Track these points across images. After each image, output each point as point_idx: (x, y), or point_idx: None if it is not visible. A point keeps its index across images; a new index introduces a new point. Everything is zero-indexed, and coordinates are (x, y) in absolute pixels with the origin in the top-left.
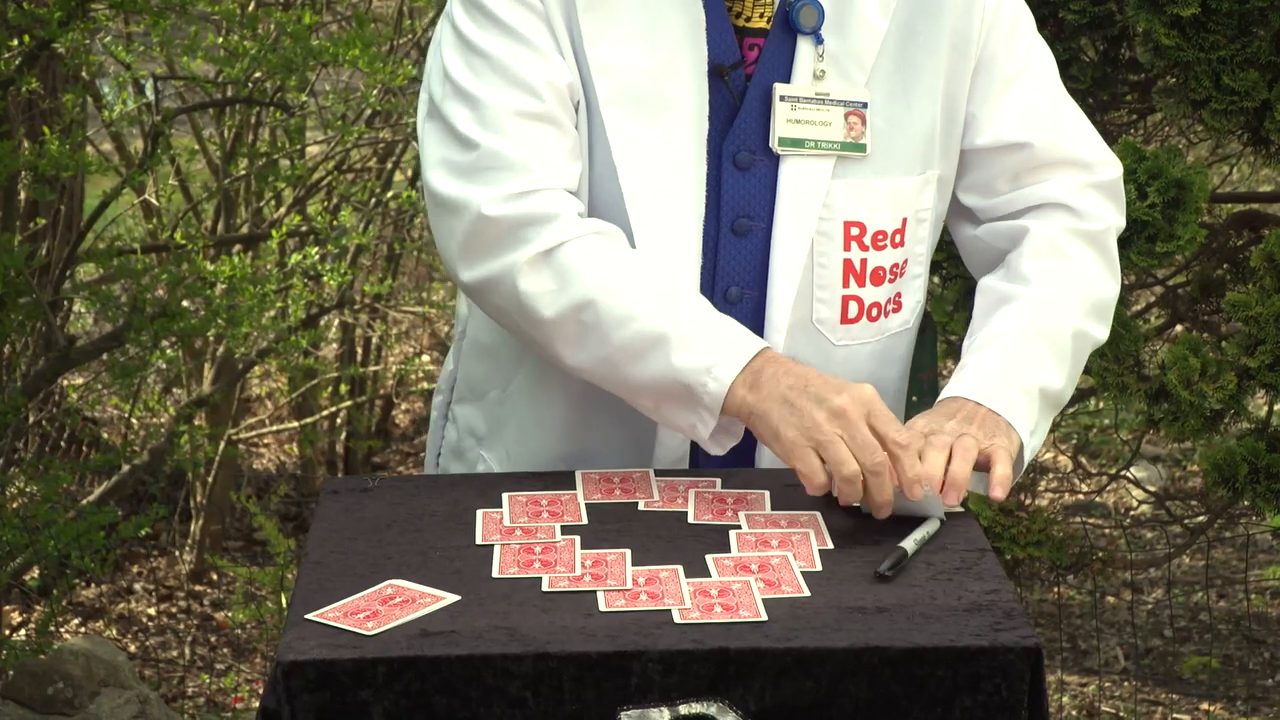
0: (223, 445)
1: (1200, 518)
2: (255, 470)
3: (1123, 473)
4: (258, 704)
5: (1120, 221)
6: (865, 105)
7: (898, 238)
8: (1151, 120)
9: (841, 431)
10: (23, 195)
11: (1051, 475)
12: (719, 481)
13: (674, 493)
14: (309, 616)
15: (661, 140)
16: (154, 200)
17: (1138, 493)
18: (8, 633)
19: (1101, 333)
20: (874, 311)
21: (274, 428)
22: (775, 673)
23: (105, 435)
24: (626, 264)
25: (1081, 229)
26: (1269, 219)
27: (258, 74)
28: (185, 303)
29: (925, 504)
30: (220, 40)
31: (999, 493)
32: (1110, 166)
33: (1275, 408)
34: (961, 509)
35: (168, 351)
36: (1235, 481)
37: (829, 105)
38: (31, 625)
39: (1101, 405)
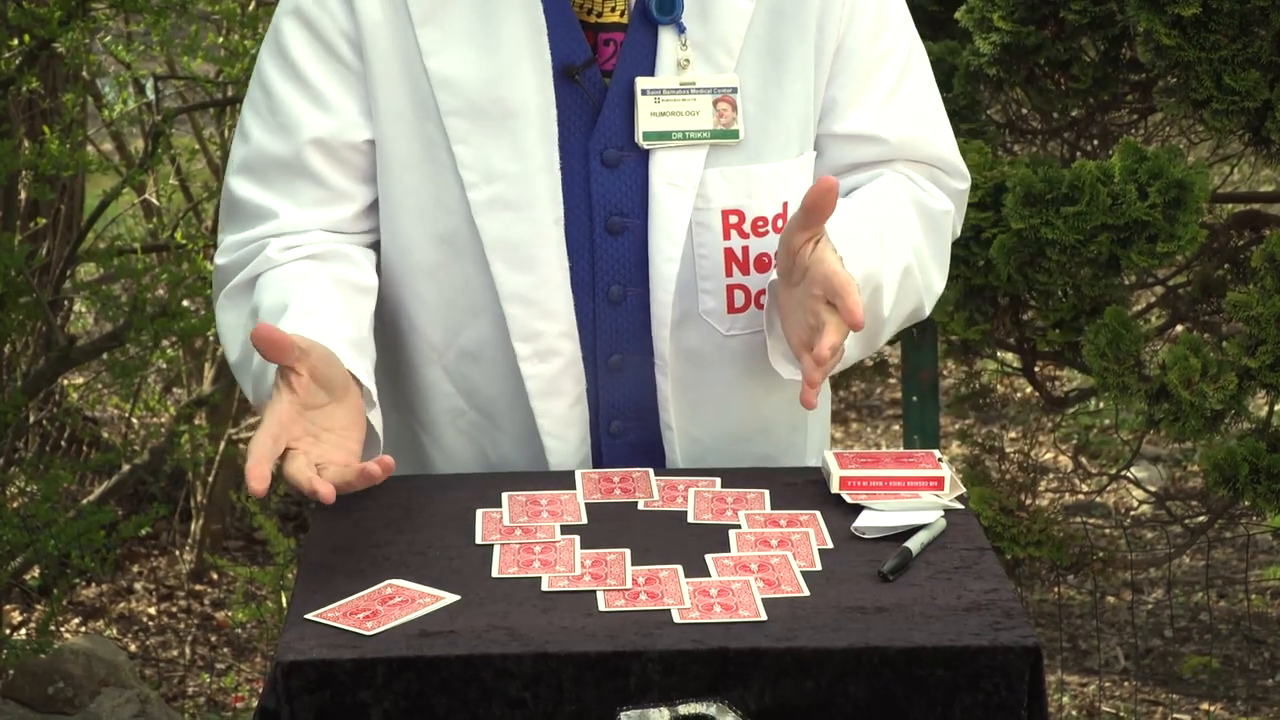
0: (223, 445)
1: (1201, 518)
2: None
3: (1123, 473)
4: (257, 703)
5: (957, 229)
6: (735, 90)
7: (779, 222)
8: (1152, 120)
9: None
10: (23, 195)
11: (1052, 475)
12: (718, 481)
13: (673, 492)
14: (308, 616)
15: (506, 148)
16: (154, 200)
17: (1138, 493)
18: (8, 632)
19: (923, 303)
20: (762, 299)
21: None
22: (775, 673)
23: (105, 435)
24: (292, 283)
25: (921, 199)
26: (1270, 219)
27: None
28: (186, 302)
29: (927, 502)
30: (220, 40)
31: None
32: (961, 178)
33: (1276, 408)
34: (960, 506)
35: (168, 351)
36: (1236, 481)
37: (695, 94)
38: (32, 625)
39: (1102, 405)
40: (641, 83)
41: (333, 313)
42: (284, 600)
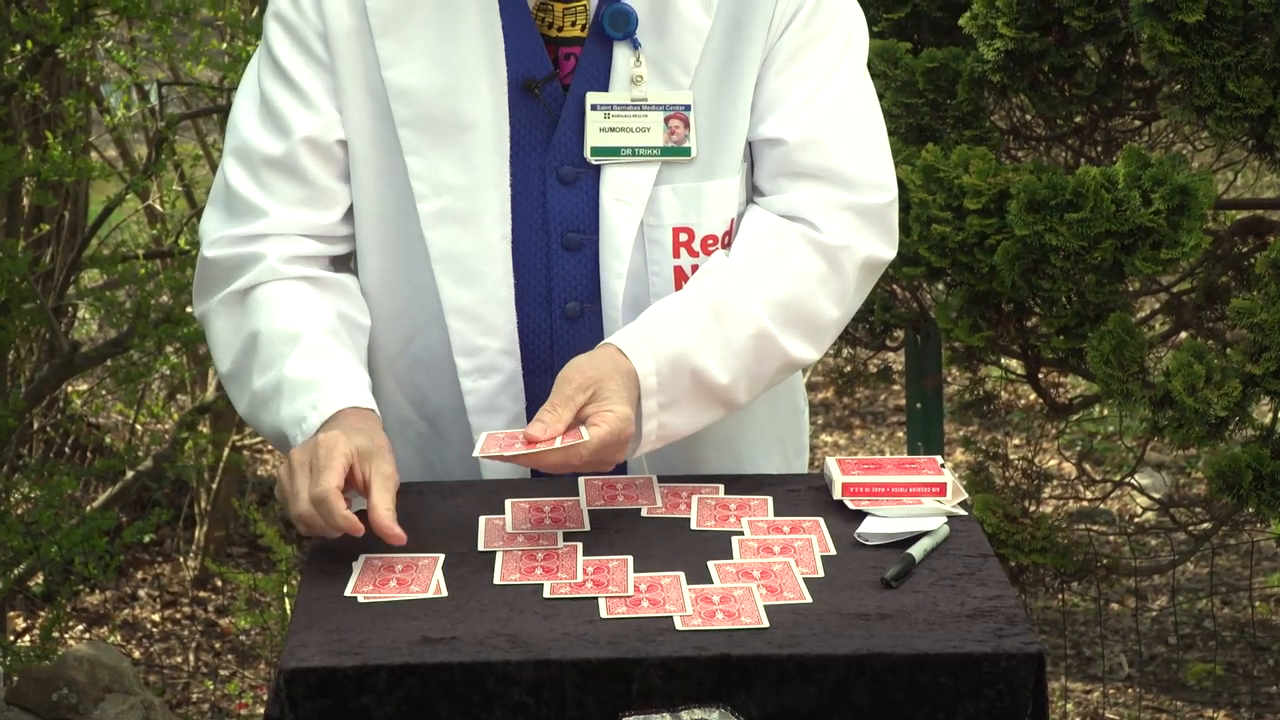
0: (226, 452)
1: (1205, 525)
2: (259, 477)
3: (1127, 479)
4: (262, 710)
5: (878, 251)
6: (688, 108)
7: (727, 240)
8: (1156, 127)
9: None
10: (26, 201)
11: (1056, 482)
12: (722, 488)
13: (677, 499)
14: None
15: (456, 161)
16: (158, 206)
17: (1142, 499)
18: (12, 639)
19: (801, 350)
20: None
21: None
22: (777, 679)
23: (109, 441)
24: (300, 309)
25: (817, 239)
26: (1274, 225)
27: None
28: (190, 309)
29: (930, 508)
30: (223, 45)
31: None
32: (875, 190)
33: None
34: (964, 513)
35: (171, 358)
36: (1240, 488)
37: (647, 111)
38: (36, 631)
39: (1106, 412)
40: (592, 98)
41: (340, 350)
42: (287, 607)
